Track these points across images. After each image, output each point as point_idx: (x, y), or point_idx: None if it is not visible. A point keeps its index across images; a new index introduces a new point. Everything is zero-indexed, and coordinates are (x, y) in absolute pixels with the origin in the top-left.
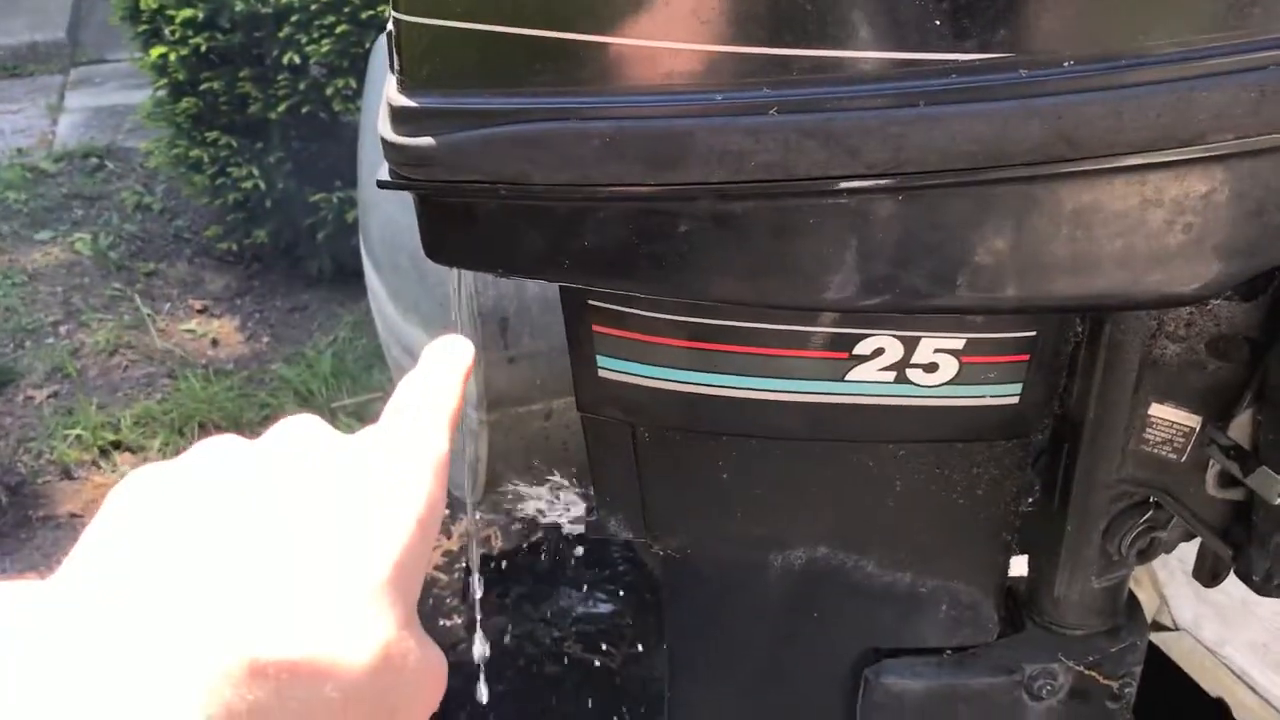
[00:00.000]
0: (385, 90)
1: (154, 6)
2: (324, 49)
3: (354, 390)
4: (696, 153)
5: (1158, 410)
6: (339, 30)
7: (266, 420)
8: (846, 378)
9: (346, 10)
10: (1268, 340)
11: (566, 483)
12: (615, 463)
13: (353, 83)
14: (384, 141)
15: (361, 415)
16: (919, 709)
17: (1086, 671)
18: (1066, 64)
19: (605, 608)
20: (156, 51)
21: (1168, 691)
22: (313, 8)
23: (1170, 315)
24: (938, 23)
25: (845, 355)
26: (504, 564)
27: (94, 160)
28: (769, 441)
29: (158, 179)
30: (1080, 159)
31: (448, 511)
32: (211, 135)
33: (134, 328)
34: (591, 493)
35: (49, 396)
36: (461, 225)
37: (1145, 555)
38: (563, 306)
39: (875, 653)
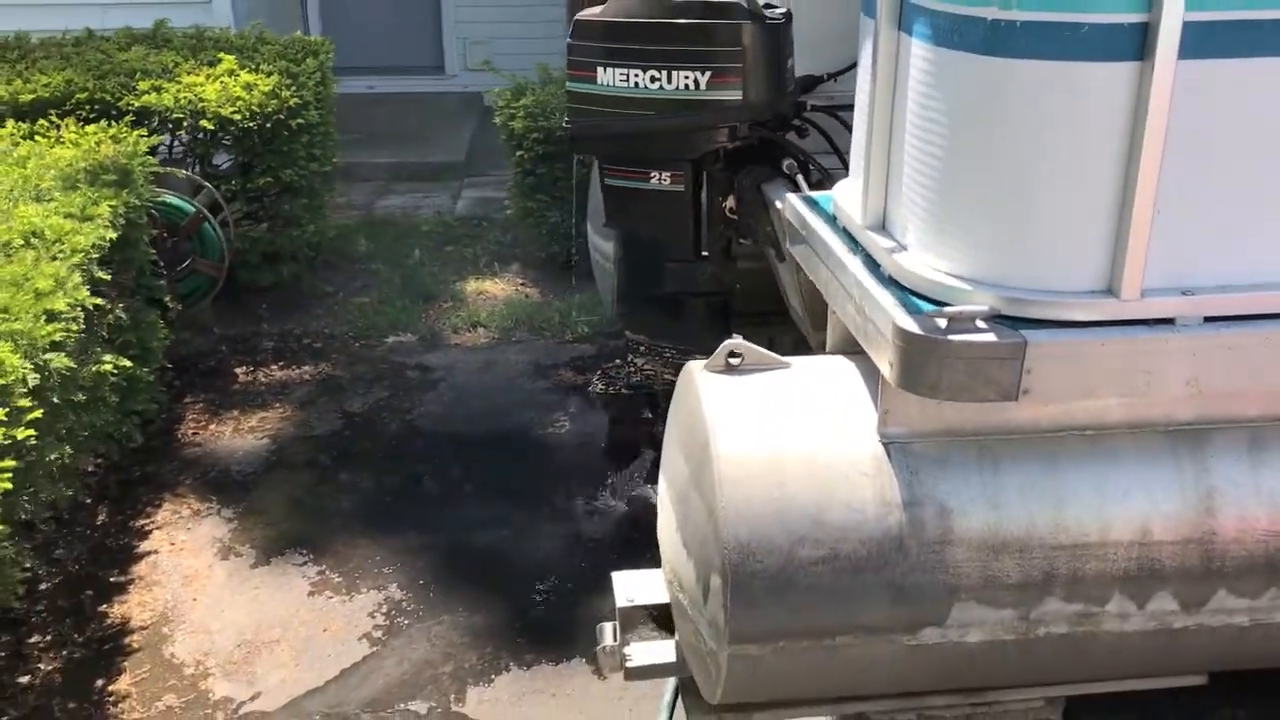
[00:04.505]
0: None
1: (520, 132)
2: None
3: (586, 315)
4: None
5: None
6: None
7: (546, 322)
8: None
9: None
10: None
11: None
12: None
13: None
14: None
15: (590, 324)
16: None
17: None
18: None
19: None
20: (518, 154)
21: None
22: None
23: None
24: None
25: None
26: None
27: (474, 220)
28: None
29: (508, 230)
30: None
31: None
32: (539, 198)
33: (489, 286)
34: None
35: (448, 306)
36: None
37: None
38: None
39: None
